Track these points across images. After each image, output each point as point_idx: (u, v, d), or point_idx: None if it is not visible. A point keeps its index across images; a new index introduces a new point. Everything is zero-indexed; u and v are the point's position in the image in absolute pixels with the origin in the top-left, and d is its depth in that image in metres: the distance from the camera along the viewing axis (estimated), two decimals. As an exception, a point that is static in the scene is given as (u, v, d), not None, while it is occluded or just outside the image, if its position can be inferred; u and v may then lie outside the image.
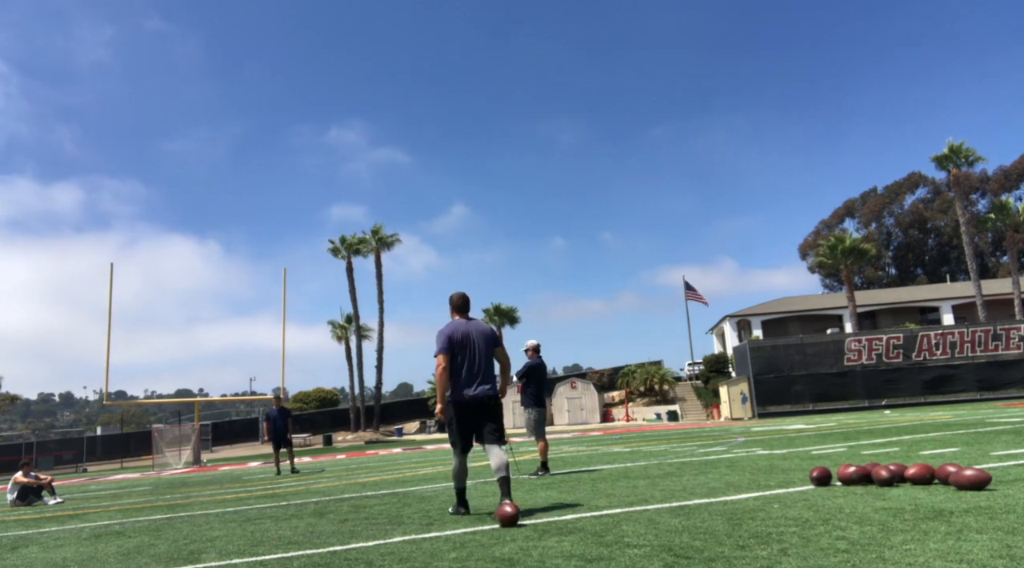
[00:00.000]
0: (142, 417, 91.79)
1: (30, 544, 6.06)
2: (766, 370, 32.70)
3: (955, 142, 41.54)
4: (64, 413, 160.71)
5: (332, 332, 50.12)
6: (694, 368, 54.68)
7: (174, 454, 30.55)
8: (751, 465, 8.06)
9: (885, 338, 32.98)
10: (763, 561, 3.28)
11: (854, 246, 43.30)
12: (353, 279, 48.19)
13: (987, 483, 4.90)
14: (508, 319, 52.88)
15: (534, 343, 9.52)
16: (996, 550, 3.20)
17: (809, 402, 31.99)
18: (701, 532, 4.08)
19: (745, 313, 53.92)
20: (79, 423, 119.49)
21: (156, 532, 6.05)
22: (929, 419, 16.61)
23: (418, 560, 3.85)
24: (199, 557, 4.54)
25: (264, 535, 5.29)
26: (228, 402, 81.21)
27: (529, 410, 9.31)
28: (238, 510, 7.49)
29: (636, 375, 47.78)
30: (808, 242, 77.87)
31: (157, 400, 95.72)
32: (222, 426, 52.54)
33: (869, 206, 77.76)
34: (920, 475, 5.34)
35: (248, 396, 51.51)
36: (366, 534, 4.94)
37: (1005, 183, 70.54)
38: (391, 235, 49.19)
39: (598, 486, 6.99)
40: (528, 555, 3.77)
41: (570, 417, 45.19)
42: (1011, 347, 32.16)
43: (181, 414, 47.12)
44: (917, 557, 3.17)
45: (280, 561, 4.16)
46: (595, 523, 4.66)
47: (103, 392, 32.69)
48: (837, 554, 3.32)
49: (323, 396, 57.31)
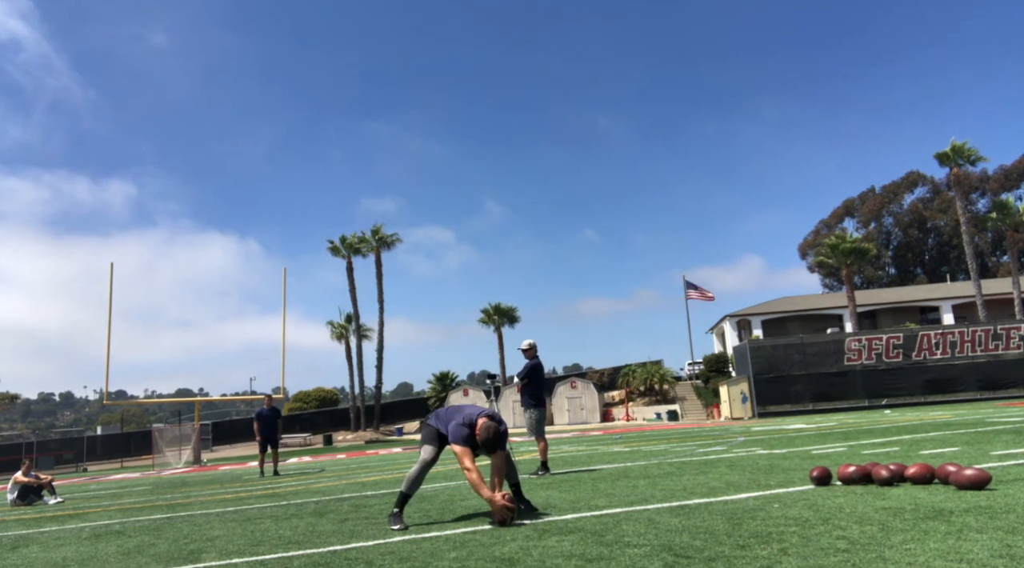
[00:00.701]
0: (142, 417, 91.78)
1: (30, 543, 6.06)
2: (766, 370, 32.69)
3: (958, 141, 41.56)
4: (64, 413, 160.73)
5: (332, 332, 50.14)
6: (694, 368, 54.68)
7: (174, 454, 30.52)
8: (751, 465, 8.06)
9: (885, 338, 32.97)
10: (763, 561, 3.28)
11: (854, 246, 43.28)
12: (353, 279, 48.26)
13: (987, 483, 4.90)
14: (508, 319, 52.87)
15: (532, 342, 9.48)
16: (996, 549, 3.20)
17: (809, 402, 31.98)
18: (701, 532, 4.08)
19: (745, 313, 53.92)
20: (79, 423, 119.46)
21: (156, 532, 6.06)
22: (929, 419, 16.61)
23: (418, 560, 3.85)
24: (199, 557, 4.54)
25: (264, 535, 5.29)
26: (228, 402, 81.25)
27: (530, 410, 9.30)
28: (238, 510, 7.49)
29: (636, 375, 47.78)
30: (808, 242, 77.92)
31: (157, 400, 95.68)
32: (222, 426, 52.50)
33: (868, 206, 77.76)
34: (920, 475, 5.34)
35: (248, 396, 51.45)
36: (366, 534, 4.94)
37: (1005, 182, 70.51)
38: (391, 234, 49.26)
39: (598, 486, 6.99)
40: (528, 554, 3.77)
41: (570, 417, 45.20)
42: (1011, 347, 32.15)
43: (181, 414, 47.10)
44: (917, 557, 3.17)
45: (280, 561, 4.16)
46: (595, 523, 4.66)
47: (103, 392, 32.70)
48: (837, 553, 3.32)
49: (323, 396, 57.32)
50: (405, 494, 5.36)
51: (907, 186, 77.16)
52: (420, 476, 5.42)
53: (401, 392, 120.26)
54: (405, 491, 5.37)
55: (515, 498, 5.54)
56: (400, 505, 5.34)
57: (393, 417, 51.51)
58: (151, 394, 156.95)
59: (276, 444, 15.20)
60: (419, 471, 5.40)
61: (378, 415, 47.60)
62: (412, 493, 5.40)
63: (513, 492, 5.62)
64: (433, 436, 5.53)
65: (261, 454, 15.12)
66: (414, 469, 5.43)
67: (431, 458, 5.47)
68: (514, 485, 5.68)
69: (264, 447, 15.01)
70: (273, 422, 15.03)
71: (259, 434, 14.86)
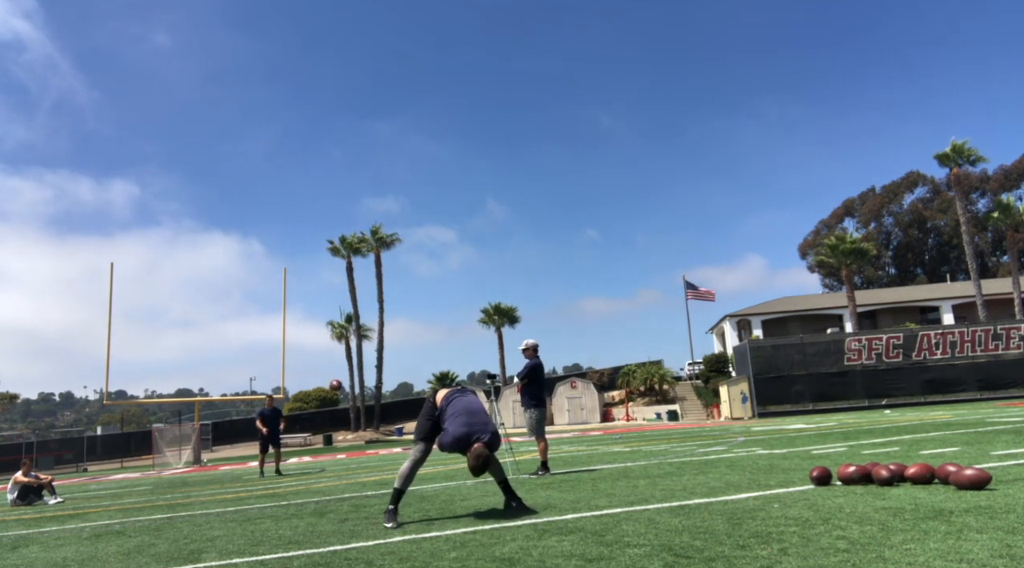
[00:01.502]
0: (142, 417, 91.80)
1: (31, 544, 6.06)
2: (766, 370, 32.69)
3: (958, 141, 41.56)
4: (64, 413, 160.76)
5: (332, 332, 50.12)
6: (694, 368, 54.68)
7: (174, 454, 30.53)
8: (751, 465, 8.06)
9: (885, 338, 32.97)
10: (763, 561, 3.28)
11: (855, 246, 43.29)
12: (353, 279, 48.29)
13: (987, 483, 4.90)
14: (508, 319, 52.86)
15: (533, 342, 9.48)
16: (996, 549, 3.20)
17: (809, 402, 31.98)
18: (701, 532, 4.08)
19: (745, 313, 53.93)
20: (79, 423, 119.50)
21: (156, 532, 6.06)
22: (929, 419, 16.61)
23: (418, 560, 3.85)
24: (199, 557, 4.54)
25: (264, 535, 5.29)
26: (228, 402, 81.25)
27: (530, 410, 9.31)
28: (238, 510, 7.49)
29: (636, 375, 47.78)
30: (808, 242, 77.93)
31: (157, 400, 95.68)
32: (222, 426, 52.50)
33: (868, 206, 77.78)
34: (920, 475, 5.34)
35: (248, 396, 51.47)
36: (366, 534, 4.94)
37: (1005, 183, 70.50)
38: (391, 234, 49.27)
39: (598, 485, 6.99)
40: (528, 554, 3.77)
41: (570, 417, 45.20)
42: (1011, 347, 32.15)
43: (181, 414, 47.11)
44: (917, 557, 3.17)
45: (280, 561, 4.16)
46: (595, 523, 4.66)
47: (103, 392, 32.70)
48: (837, 553, 3.32)
49: (323, 396, 57.31)
50: (399, 490, 5.41)
51: (907, 186, 77.19)
52: (413, 472, 5.48)
53: (401, 392, 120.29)
54: (399, 487, 5.42)
55: (505, 495, 5.63)
56: (394, 502, 5.38)
57: (393, 417, 51.49)
58: (151, 394, 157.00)
59: (278, 444, 15.21)
60: (411, 468, 5.47)
61: (378, 415, 47.60)
62: (405, 489, 5.45)
63: (502, 489, 5.68)
64: (428, 432, 5.57)
65: (262, 454, 15.13)
66: (406, 465, 5.49)
67: (423, 457, 5.54)
68: (502, 482, 5.68)
69: (265, 447, 15.03)
70: (275, 422, 15.08)
71: (265, 431, 14.86)
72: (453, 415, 5.42)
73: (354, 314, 47.79)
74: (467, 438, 5.25)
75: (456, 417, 5.39)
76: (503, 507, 5.65)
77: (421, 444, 5.58)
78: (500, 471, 5.70)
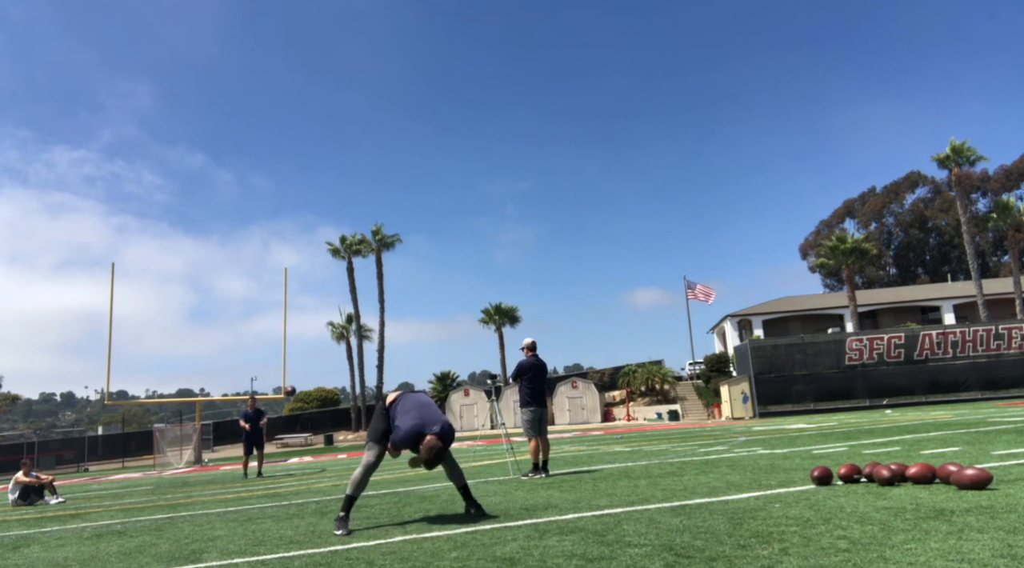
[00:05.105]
0: (143, 417, 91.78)
1: (32, 543, 6.07)
2: (767, 370, 32.67)
3: (957, 142, 41.52)
4: (65, 413, 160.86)
5: (332, 332, 50.15)
6: (695, 367, 54.60)
7: (175, 454, 30.56)
8: (752, 464, 8.06)
9: (886, 337, 32.94)
10: (764, 560, 3.28)
11: (855, 246, 43.26)
12: (353, 279, 48.34)
13: (988, 482, 4.90)
14: (509, 319, 52.84)
15: (529, 341, 9.41)
16: (997, 549, 3.20)
17: (810, 401, 31.95)
18: (702, 531, 4.07)
19: (746, 313, 53.90)
20: (80, 423, 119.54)
21: (158, 531, 6.06)
22: (930, 418, 16.60)
23: (419, 560, 3.85)
24: (200, 557, 4.54)
25: (265, 535, 5.29)
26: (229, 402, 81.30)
27: (523, 410, 9.23)
28: (239, 509, 7.49)
29: (637, 375, 47.74)
30: (809, 242, 77.87)
31: (158, 400, 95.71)
32: (223, 426, 52.49)
33: (869, 206, 77.74)
34: (921, 474, 5.33)
35: (248, 396, 51.74)
36: (367, 534, 4.94)
37: (1006, 182, 70.44)
38: (391, 235, 49.30)
39: (599, 485, 6.99)
40: (529, 554, 3.77)
41: (571, 417, 45.19)
42: (1012, 346, 32.11)
43: (182, 414, 47.10)
44: (918, 556, 3.16)
45: (281, 561, 4.16)
46: (596, 522, 4.66)
47: (104, 392, 32.71)
48: (838, 553, 3.32)
49: (324, 395, 57.33)
50: (351, 497, 5.25)
51: (908, 186, 77.11)
52: (366, 478, 5.33)
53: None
54: (351, 493, 5.26)
55: (465, 501, 5.50)
56: (346, 509, 5.21)
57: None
58: (152, 394, 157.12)
59: (262, 445, 15.22)
60: (364, 473, 5.32)
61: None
62: (358, 496, 5.30)
63: (461, 494, 5.55)
64: (381, 434, 5.43)
65: (246, 456, 15.15)
66: (359, 471, 5.34)
67: (376, 461, 5.38)
68: (462, 488, 5.54)
69: (249, 449, 15.02)
70: (258, 424, 15.03)
71: (246, 426, 14.84)
72: (404, 412, 5.28)
73: (355, 314, 47.81)
74: (419, 431, 5.07)
75: (407, 413, 5.24)
76: (463, 512, 5.49)
77: (375, 447, 5.41)
78: (460, 476, 5.52)
